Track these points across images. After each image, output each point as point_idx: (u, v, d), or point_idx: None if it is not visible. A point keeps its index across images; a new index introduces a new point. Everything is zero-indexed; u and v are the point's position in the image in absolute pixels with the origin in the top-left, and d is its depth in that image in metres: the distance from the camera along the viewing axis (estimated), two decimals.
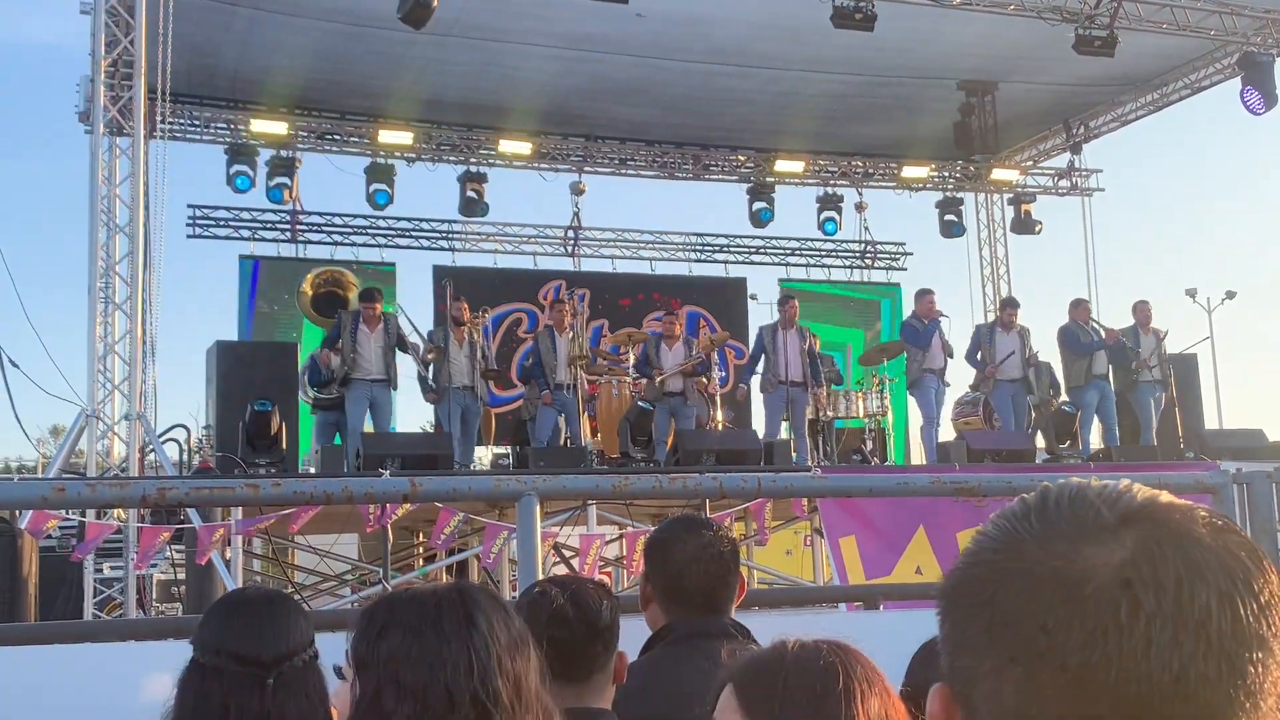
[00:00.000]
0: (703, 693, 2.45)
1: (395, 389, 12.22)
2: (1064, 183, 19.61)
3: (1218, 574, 0.74)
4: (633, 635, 2.69)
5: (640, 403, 12.06)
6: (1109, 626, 0.72)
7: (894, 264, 20.26)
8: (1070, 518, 0.78)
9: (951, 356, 13.45)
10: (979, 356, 13.62)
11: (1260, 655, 0.73)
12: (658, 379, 12.42)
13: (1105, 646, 0.72)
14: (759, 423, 14.31)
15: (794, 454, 12.45)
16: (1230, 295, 26.91)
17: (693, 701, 2.42)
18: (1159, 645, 0.71)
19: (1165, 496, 0.79)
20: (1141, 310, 13.87)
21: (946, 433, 13.91)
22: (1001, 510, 0.82)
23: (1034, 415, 13.72)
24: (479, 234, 18.49)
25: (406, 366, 12.48)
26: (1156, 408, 13.53)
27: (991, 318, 16.22)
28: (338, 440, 12.00)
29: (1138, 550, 0.74)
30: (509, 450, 14.63)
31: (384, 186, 16.89)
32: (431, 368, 12.29)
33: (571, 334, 12.60)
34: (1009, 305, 14.12)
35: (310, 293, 16.36)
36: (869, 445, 14.28)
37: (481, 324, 12.96)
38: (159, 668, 2.12)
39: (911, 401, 14.55)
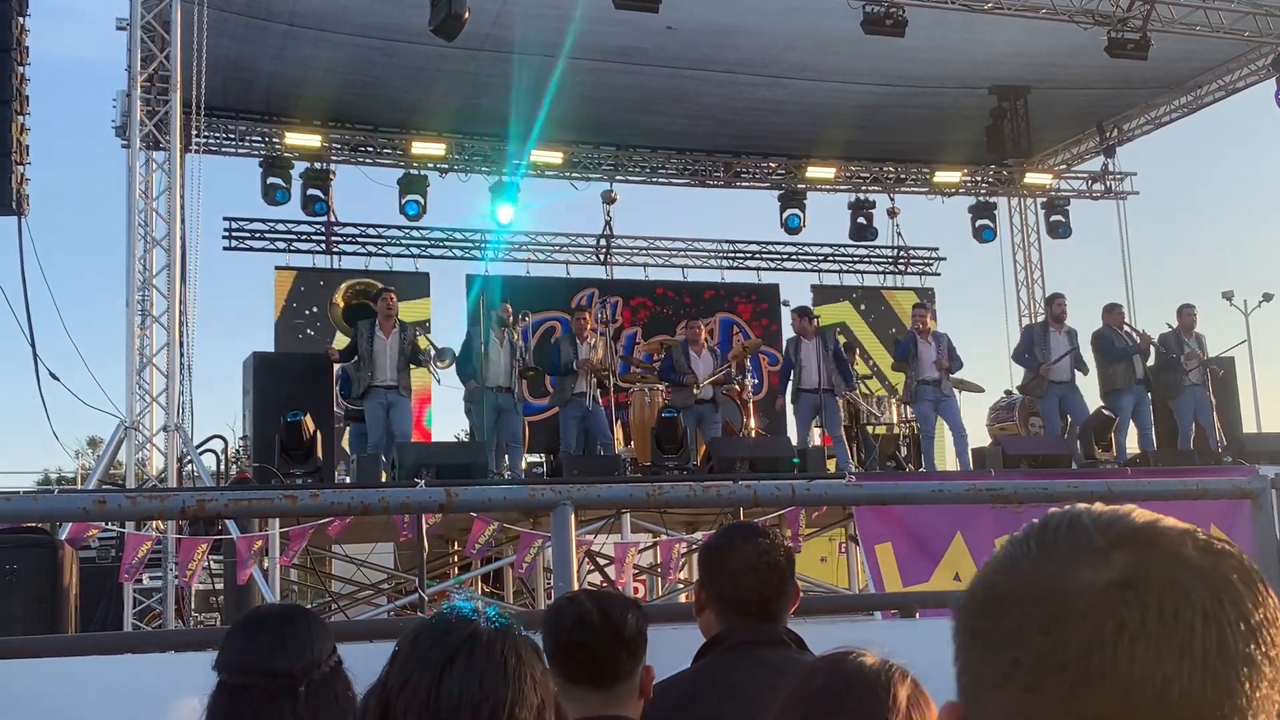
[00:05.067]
0: (756, 700, 2.46)
1: (407, 396, 11.92)
2: (1098, 186, 19.50)
3: (1204, 595, 0.78)
4: (683, 644, 2.70)
5: (664, 411, 12.05)
6: (1097, 642, 0.77)
7: (927, 269, 20.19)
8: (1065, 542, 0.82)
9: (950, 371, 13.04)
10: (1028, 356, 13.37)
11: (1248, 672, 0.77)
12: (694, 388, 12.42)
13: (1093, 660, 0.77)
14: (793, 430, 14.29)
15: (832, 459, 12.45)
16: (1267, 297, 26.66)
17: (747, 708, 2.44)
18: (1143, 662, 0.76)
19: (1164, 521, 0.83)
20: (1186, 315, 13.66)
21: (982, 438, 13.81)
22: (1010, 536, 0.88)
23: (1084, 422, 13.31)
24: (512, 243, 18.55)
25: (447, 377, 12.46)
26: (1204, 409, 13.33)
27: (1039, 319, 16.00)
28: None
29: (1125, 572, 0.79)
30: (542, 458, 14.63)
31: (417, 197, 16.96)
32: (467, 371, 12.20)
33: (593, 341, 12.57)
34: (1059, 298, 13.77)
35: (342, 304, 16.45)
36: (904, 452, 14.21)
37: (523, 326, 12.96)
38: (199, 678, 2.13)
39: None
